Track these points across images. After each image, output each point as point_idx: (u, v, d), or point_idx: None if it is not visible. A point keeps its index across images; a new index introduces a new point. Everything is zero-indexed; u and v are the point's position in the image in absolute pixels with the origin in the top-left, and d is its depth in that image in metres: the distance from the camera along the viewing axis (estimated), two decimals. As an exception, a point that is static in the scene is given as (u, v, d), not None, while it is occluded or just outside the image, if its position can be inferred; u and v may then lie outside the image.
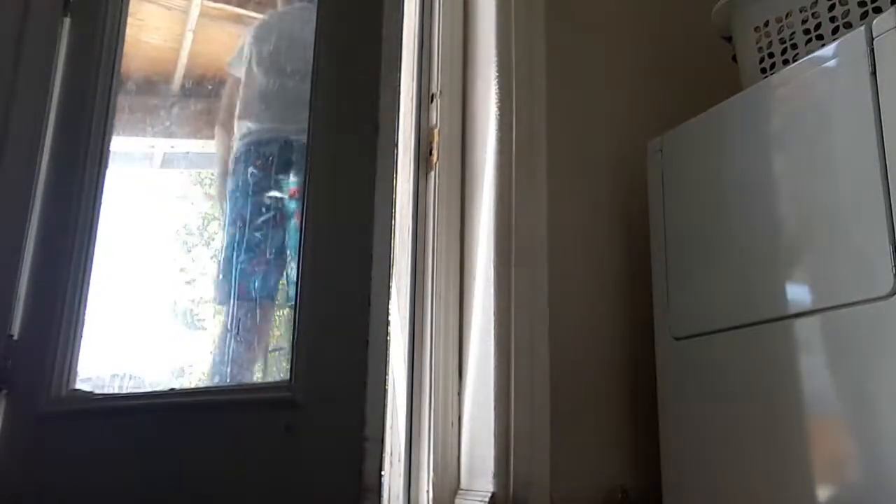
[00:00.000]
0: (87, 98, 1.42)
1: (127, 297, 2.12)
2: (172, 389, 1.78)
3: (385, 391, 1.20)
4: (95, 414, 1.30)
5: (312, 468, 1.05)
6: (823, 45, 1.41)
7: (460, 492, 1.67)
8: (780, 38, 1.54)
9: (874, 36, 1.27)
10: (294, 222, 2.08)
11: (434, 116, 1.89)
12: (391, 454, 1.72)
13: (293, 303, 1.17)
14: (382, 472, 1.15)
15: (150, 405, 1.28)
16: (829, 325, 1.29)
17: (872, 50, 1.26)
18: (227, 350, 2.10)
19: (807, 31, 1.49)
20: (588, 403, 1.72)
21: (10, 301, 1.34)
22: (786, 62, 1.52)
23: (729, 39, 1.71)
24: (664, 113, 1.81)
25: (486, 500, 1.56)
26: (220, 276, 2.15)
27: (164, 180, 2.51)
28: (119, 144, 2.05)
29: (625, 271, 1.82)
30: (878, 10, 1.36)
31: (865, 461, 1.23)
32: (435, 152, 1.86)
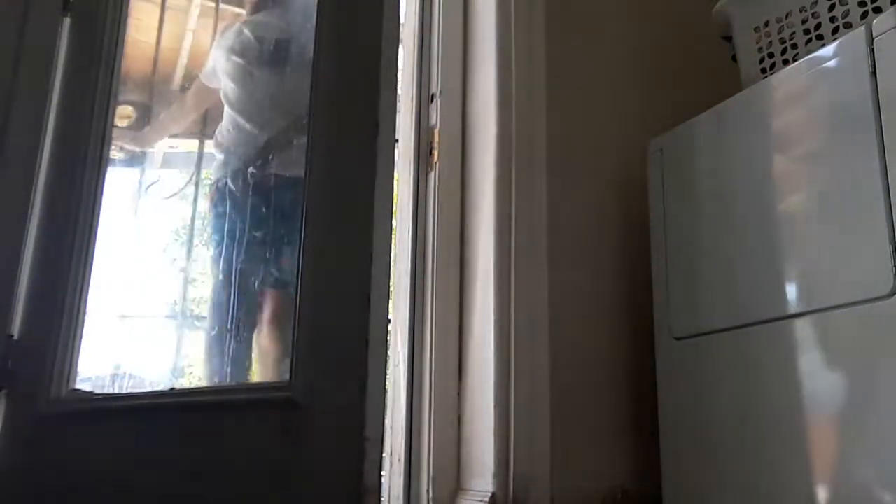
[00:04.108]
0: (87, 98, 1.42)
1: (127, 297, 2.12)
2: (172, 389, 1.78)
3: (385, 391, 1.20)
4: (95, 414, 1.30)
5: (312, 468, 1.05)
6: (823, 45, 1.41)
7: (460, 492, 1.67)
8: (780, 38, 1.54)
9: (874, 36, 1.27)
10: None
11: (434, 116, 1.89)
12: (391, 454, 1.72)
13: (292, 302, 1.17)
14: (382, 472, 1.15)
15: (150, 405, 1.28)
16: (829, 325, 1.29)
17: (872, 50, 1.26)
18: (227, 350, 2.10)
19: (807, 31, 1.49)
20: (588, 403, 1.72)
21: (10, 301, 1.34)
22: (786, 62, 1.52)
23: (729, 39, 1.70)
24: (664, 113, 1.81)
25: (486, 500, 1.56)
26: (220, 277, 2.15)
27: (164, 180, 2.51)
28: (120, 144, 2.05)
29: (625, 271, 1.82)
30: (878, 10, 1.36)
31: (866, 461, 1.23)
32: (435, 152, 1.86)
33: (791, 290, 1.37)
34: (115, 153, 1.87)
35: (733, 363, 1.46)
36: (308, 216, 1.15)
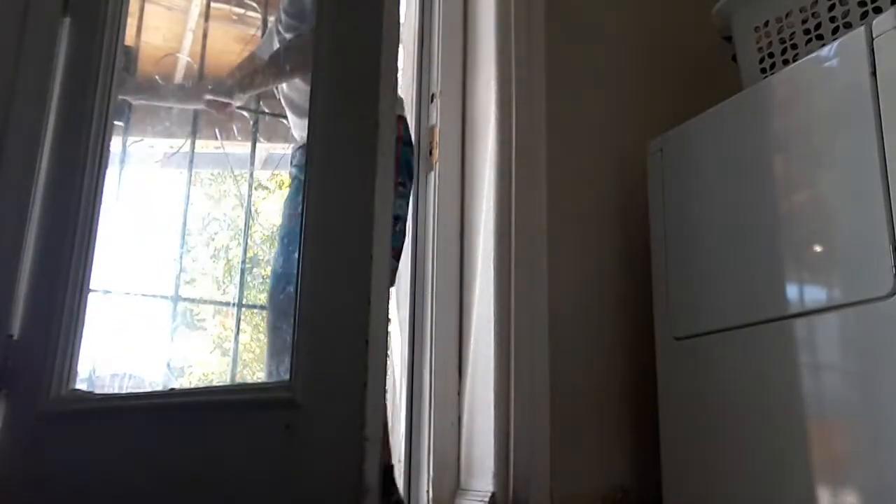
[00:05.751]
0: (87, 98, 1.42)
1: (127, 297, 2.13)
2: (172, 389, 1.78)
3: (385, 391, 1.20)
4: (95, 414, 1.29)
5: (312, 468, 1.05)
6: (823, 45, 1.41)
7: (460, 492, 1.67)
8: (780, 38, 1.54)
9: (874, 36, 1.27)
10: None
11: (434, 116, 1.89)
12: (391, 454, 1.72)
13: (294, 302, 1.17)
14: (382, 472, 1.15)
15: (150, 405, 1.28)
16: (829, 325, 1.30)
17: (872, 50, 1.26)
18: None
19: (807, 31, 1.49)
20: (588, 403, 1.72)
21: (9, 301, 1.33)
22: (786, 62, 1.52)
23: (729, 39, 1.71)
24: (664, 113, 1.81)
25: (486, 499, 1.56)
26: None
27: (164, 180, 2.51)
28: (119, 144, 2.05)
29: (625, 271, 1.82)
30: (878, 10, 1.36)
31: (866, 461, 1.23)
32: (435, 152, 1.86)
33: (791, 291, 1.37)
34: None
35: (733, 363, 1.46)
36: (308, 216, 1.15)
